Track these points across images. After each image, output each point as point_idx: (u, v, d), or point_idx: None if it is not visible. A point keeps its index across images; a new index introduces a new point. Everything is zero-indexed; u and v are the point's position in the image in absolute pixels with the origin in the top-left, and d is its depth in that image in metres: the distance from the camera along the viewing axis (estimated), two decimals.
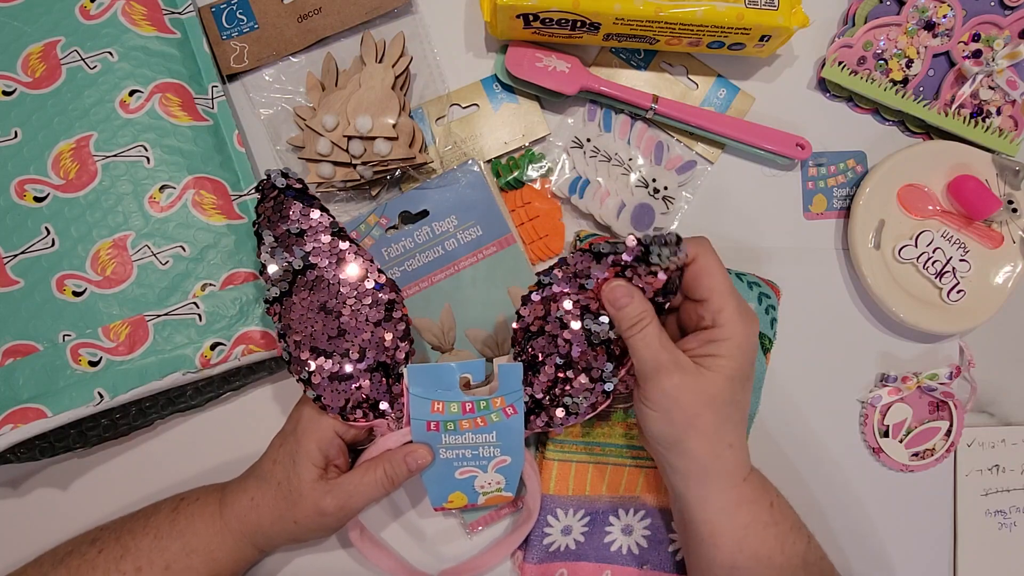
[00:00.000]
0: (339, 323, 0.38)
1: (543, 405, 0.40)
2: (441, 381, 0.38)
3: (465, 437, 0.39)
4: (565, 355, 0.39)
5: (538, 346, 0.39)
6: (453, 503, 0.41)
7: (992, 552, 0.50)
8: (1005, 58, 0.48)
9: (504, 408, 0.39)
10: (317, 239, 0.38)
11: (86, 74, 0.42)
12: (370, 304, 0.39)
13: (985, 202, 0.48)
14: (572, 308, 0.38)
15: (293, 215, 0.38)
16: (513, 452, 0.40)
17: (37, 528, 0.41)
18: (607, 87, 0.47)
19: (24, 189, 0.41)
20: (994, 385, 0.52)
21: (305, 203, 0.38)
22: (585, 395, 0.39)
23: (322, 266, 0.38)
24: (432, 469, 0.40)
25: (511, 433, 0.39)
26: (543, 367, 0.39)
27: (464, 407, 0.38)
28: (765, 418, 0.47)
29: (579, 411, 0.39)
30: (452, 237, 0.46)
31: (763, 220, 0.50)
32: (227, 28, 0.46)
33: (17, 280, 0.40)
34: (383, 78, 0.44)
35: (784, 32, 0.45)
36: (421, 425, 0.39)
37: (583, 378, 0.39)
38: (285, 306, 0.38)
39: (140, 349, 0.40)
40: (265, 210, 0.38)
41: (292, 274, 0.38)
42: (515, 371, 0.38)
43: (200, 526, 0.39)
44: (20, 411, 0.39)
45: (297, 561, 0.45)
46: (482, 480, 0.40)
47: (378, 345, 0.39)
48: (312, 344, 0.38)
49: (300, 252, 0.38)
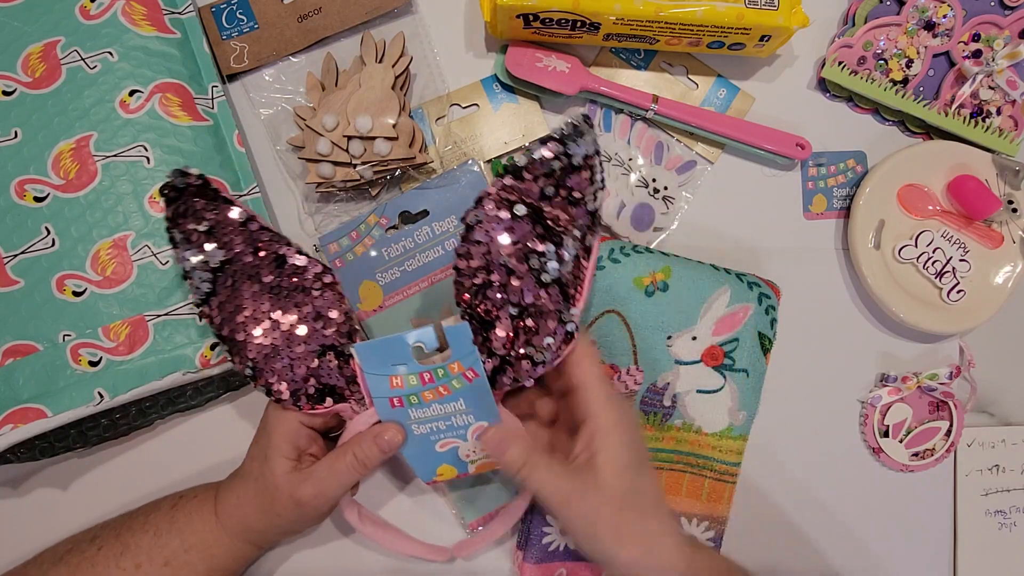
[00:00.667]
0: (271, 310, 0.37)
1: (508, 361, 0.37)
2: (393, 354, 0.36)
3: (433, 409, 0.37)
4: (517, 303, 0.36)
5: (488, 300, 0.37)
6: (444, 475, 0.40)
7: (992, 552, 0.50)
8: (1005, 58, 0.48)
9: (464, 373, 0.36)
10: (228, 232, 0.37)
11: (86, 74, 0.42)
12: (298, 285, 0.37)
13: (985, 202, 0.48)
14: (512, 247, 0.36)
15: (198, 212, 0.36)
16: (489, 416, 0.37)
17: (37, 528, 0.41)
18: (607, 87, 0.47)
19: (24, 189, 0.41)
20: (994, 385, 0.52)
21: (208, 199, 0.37)
22: (548, 341, 0.36)
23: (240, 259, 0.37)
24: (411, 446, 0.38)
25: (479, 397, 0.37)
26: (498, 321, 0.37)
27: (422, 378, 0.36)
28: (765, 418, 0.47)
29: (545, 359, 0.36)
30: (452, 237, 0.46)
31: (763, 220, 0.50)
32: (227, 28, 0.46)
33: (17, 280, 0.40)
34: (383, 78, 0.44)
35: (784, 32, 0.45)
36: (384, 403, 0.37)
37: (543, 323, 0.36)
38: (212, 306, 0.37)
39: (140, 349, 0.40)
40: (172, 214, 0.37)
41: (211, 272, 0.37)
42: (462, 331, 0.35)
43: (198, 524, 0.39)
44: (20, 411, 0.39)
45: (296, 557, 0.45)
46: (465, 449, 0.39)
47: (317, 324, 0.37)
48: (249, 338, 0.37)
49: (214, 248, 0.36)
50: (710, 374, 0.45)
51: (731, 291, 0.45)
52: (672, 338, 0.45)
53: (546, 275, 0.36)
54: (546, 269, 0.36)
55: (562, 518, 0.36)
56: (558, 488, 0.35)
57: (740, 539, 0.47)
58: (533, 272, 0.36)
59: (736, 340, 0.46)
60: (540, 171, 0.36)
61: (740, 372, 0.46)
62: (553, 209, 0.37)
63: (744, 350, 0.46)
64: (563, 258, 0.36)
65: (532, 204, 0.37)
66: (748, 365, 0.46)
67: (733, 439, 0.46)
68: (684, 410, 0.45)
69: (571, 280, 0.36)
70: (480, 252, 0.37)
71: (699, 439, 0.46)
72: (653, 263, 0.45)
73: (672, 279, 0.45)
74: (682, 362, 0.45)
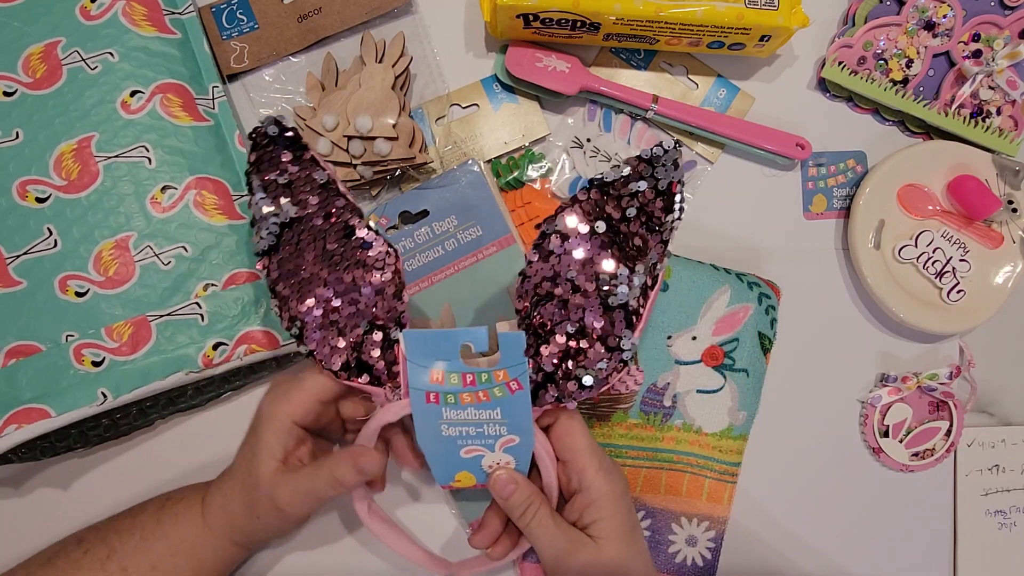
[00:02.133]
0: (329, 277, 0.37)
1: (554, 378, 0.36)
2: (440, 349, 0.35)
3: (467, 412, 0.36)
4: (577, 321, 0.35)
5: (547, 313, 0.36)
6: (461, 482, 0.39)
7: (992, 552, 0.50)
8: (1005, 58, 0.48)
9: (508, 383, 0.35)
10: (306, 191, 0.36)
11: (87, 75, 0.42)
12: (361, 259, 0.37)
13: (985, 202, 0.48)
14: (584, 264, 0.35)
15: (282, 165, 0.36)
16: (521, 431, 0.36)
17: (38, 528, 0.41)
18: (607, 87, 0.47)
19: (26, 190, 0.41)
20: (994, 385, 0.52)
21: (296, 152, 0.37)
22: (601, 366, 0.36)
23: (311, 219, 0.37)
24: (436, 447, 0.37)
25: (518, 410, 0.36)
26: (553, 336, 0.36)
27: (464, 379, 0.35)
28: (765, 418, 0.47)
29: (594, 384, 0.36)
30: (452, 237, 0.46)
31: (763, 220, 0.50)
32: (227, 28, 0.46)
33: (20, 281, 0.41)
34: (383, 78, 0.44)
35: (784, 32, 0.45)
36: (420, 395, 0.36)
37: (599, 347, 0.35)
38: (273, 259, 0.37)
39: (143, 349, 0.40)
40: (255, 158, 0.36)
41: (279, 226, 0.36)
42: (517, 341, 0.35)
43: (184, 527, 0.39)
44: (24, 411, 0.39)
45: (296, 558, 0.45)
46: (490, 460, 0.37)
47: (371, 302, 0.37)
48: (302, 298, 0.36)
49: (288, 203, 0.36)
50: (710, 374, 0.46)
51: (731, 291, 0.46)
52: (672, 338, 0.45)
53: (614, 298, 0.35)
54: (615, 292, 0.35)
55: (555, 572, 0.37)
56: (554, 540, 0.36)
57: (740, 539, 0.47)
58: (601, 293, 0.36)
59: (736, 340, 0.46)
60: (626, 191, 0.36)
61: (740, 372, 0.46)
62: (631, 232, 0.36)
63: (744, 350, 0.46)
64: (633, 283, 0.36)
65: (612, 223, 0.36)
66: (748, 365, 0.46)
67: (733, 439, 0.46)
68: (684, 410, 0.46)
69: (635, 307, 0.36)
70: (550, 263, 0.36)
71: (699, 439, 0.46)
72: None
73: (672, 279, 0.45)
74: (682, 362, 0.45)
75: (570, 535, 0.36)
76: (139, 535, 0.38)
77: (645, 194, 0.36)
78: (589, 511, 0.37)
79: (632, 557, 0.37)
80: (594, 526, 0.36)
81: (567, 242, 0.36)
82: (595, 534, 0.36)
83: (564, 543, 0.36)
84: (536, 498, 0.37)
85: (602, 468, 0.37)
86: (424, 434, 0.37)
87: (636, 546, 0.37)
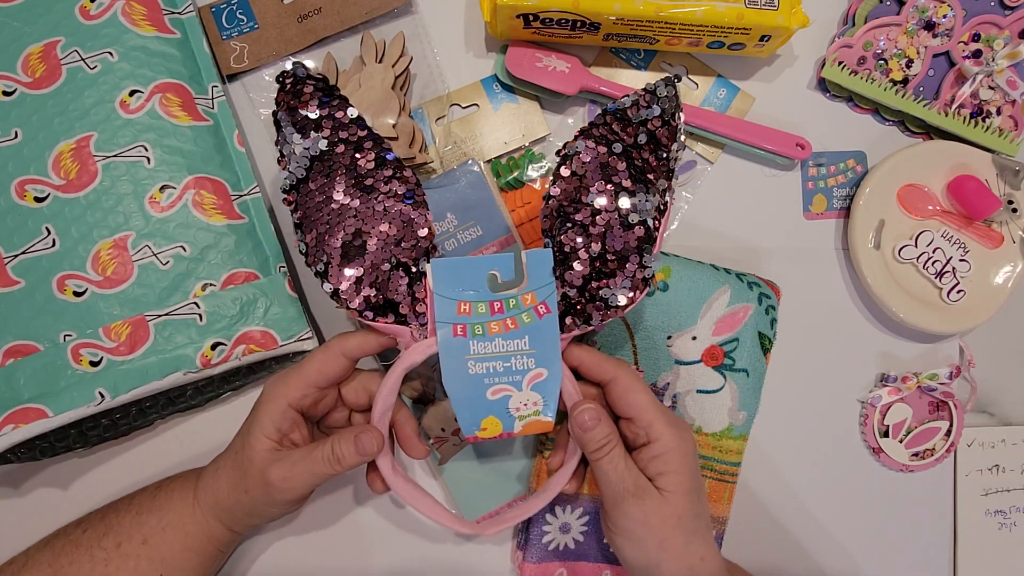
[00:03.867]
0: (358, 210, 0.37)
1: (578, 304, 0.37)
2: (467, 279, 0.35)
3: (495, 344, 0.36)
4: (600, 242, 0.36)
5: (568, 237, 0.37)
6: (487, 431, 0.37)
7: (992, 552, 0.50)
8: (1005, 58, 0.48)
9: (536, 307, 0.36)
10: (335, 126, 0.37)
11: (86, 74, 0.42)
12: (391, 192, 0.37)
13: (985, 202, 0.48)
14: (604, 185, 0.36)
15: (312, 102, 0.37)
16: (549, 363, 0.36)
17: (38, 528, 0.41)
18: (607, 87, 0.47)
19: (24, 189, 0.41)
20: (994, 385, 0.52)
21: (324, 92, 0.37)
22: (625, 284, 0.36)
23: (340, 152, 0.37)
24: (462, 389, 0.36)
25: (546, 338, 0.36)
26: (577, 258, 0.37)
27: (492, 307, 0.35)
28: (765, 418, 0.47)
29: (618, 304, 0.36)
30: (452, 237, 0.46)
31: (763, 220, 0.50)
32: (227, 28, 0.46)
33: (18, 280, 0.40)
34: (383, 78, 0.44)
35: (784, 32, 0.45)
36: (448, 329, 0.36)
37: (622, 265, 0.36)
38: (302, 193, 0.37)
39: (141, 349, 0.40)
40: (284, 97, 0.37)
41: (309, 160, 0.36)
42: (544, 258, 0.35)
43: (177, 502, 0.39)
44: (21, 411, 0.39)
45: (295, 558, 0.45)
46: (517, 400, 0.37)
47: (400, 236, 0.37)
48: (331, 231, 0.36)
49: (318, 137, 0.36)
50: (710, 374, 0.46)
51: (731, 291, 0.45)
52: (672, 338, 0.45)
53: (634, 215, 0.37)
54: (633, 211, 0.37)
55: (612, 511, 0.37)
56: (623, 478, 0.36)
57: (740, 539, 0.47)
58: (620, 212, 0.37)
59: (736, 340, 0.46)
60: (635, 117, 0.38)
61: (740, 372, 0.46)
62: (642, 157, 0.38)
63: (744, 350, 0.46)
64: (648, 204, 0.37)
65: (627, 146, 0.38)
66: (748, 365, 0.46)
67: (733, 439, 0.46)
68: (684, 410, 0.46)
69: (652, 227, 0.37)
70: (571, 185, 0.37)
71: (699, 439, 0.46)
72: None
73: (672, 279, 0.45)
74: (682, 362, 0.45)
75: (639, 480, 0.36)
76: (135, 511, 0.39)
77: (654, 122, 0.38)
78: (655, 463, 0.36)
79: (695, 515, 0.37)
80: (660, 478, 0.36)
81: (587, 163, 0.37)
82: (661, 486, 0.36)
83: (631, 485, 0.36)
84: (615, 437, 0.37)
85: (670, 423, 0.37)
86: (451, 374, 0.37)
87: (699, 505, 0.37)
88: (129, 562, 0.38)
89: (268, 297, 0.42)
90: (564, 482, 0.40)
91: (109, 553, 0.38)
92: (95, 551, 0.38)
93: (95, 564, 0.37)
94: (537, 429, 0.38)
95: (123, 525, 0.39)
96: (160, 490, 0.40)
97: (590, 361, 0.38)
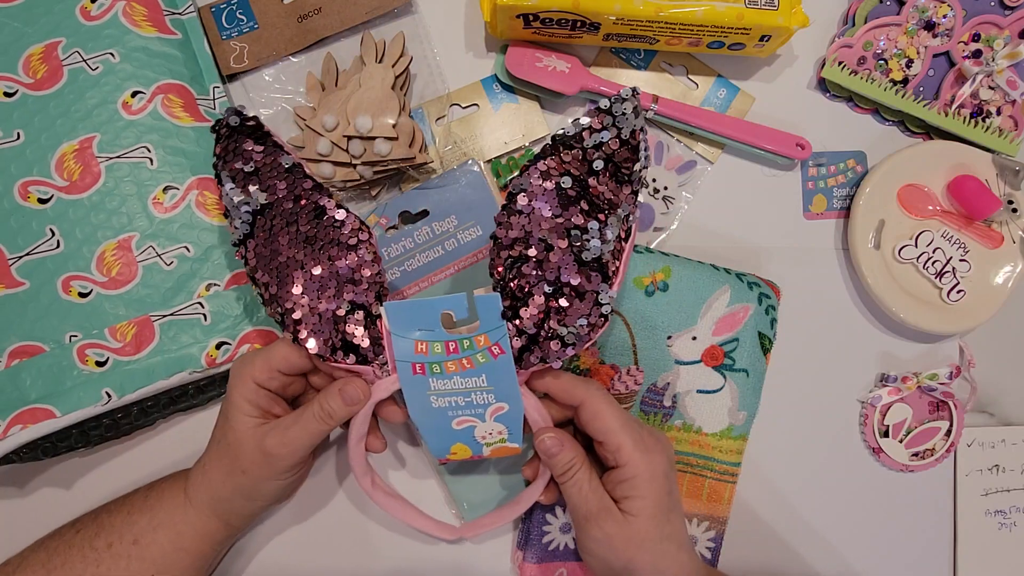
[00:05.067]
0: (305, 259, 0.37)
1: (536, 340, 0.36)
2: (422, 319, 0.35)
3: (454, 381, 0.36)
4: (553, 280, 0.35)
5: (522, 274, 0.36)
6: (457, 455, 0.39)
7: (992, 552, 0.50)
8: (1005, 58, 0.48)
9: (489, 348, 0.35)
10: (273, 176, 0.37)
11: (88, 75, 0.42)
12: (335, 238, 0.37)
13: (985, 202, 0.48)
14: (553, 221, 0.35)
15: (247, 153, 0.36)
16: (509, 398, 0.37)
17: (40, 528, 0.41)
18: (607, 87, 0.47)
19: (28, 191, 0.41)
20: (994, 385, 0.52)
21: (258, 141, 0.37)
22: (581, 323, 0.36)
23: (281, 204, 0.37)
24: (427, 420, 0.37)
25: (502, 376, 0.36)
26: (531, 297, 0.36)
27: (448, 347, 0.36)
28: (765, 418, 0.47)
29: (576, 340, 0.36)
30: (452, 237, 0.46)
31: (763, 220, 0.50)
32: (227, 28, 0.46)
33: (23, 282, 0.41)
34: (383, 78, 0.44)
35: (784, 32, 0.45)
36: (407, 368, 0.36)
37: (577, 303, 0.35)
38: (249, 248, 0.37)
39: (146, 349, 0.41)
40: (221, 151, 0.37)
41: (252, 214, 0.37)
42: (492, 303, 0.35)
43: (168, 502, 0.39)
44: (29, 411, 0.39)
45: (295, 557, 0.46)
46: (482, 430, 0.38)
47: (350, 279, 0.37)
48: (281, 283, 0.36)
49: (257, 191, 0.36)
50: (710, 374, 0.46)
51: (731, 291, 0.46)
52: (672, 338, 0.45)
53: (587, 253, 0.36)
54: (587, 247, 0.35)
55: (578, 531, 0.38)
56: (587, 501, 0.37)
57: (740, 539, 0.47)
58: (573, 249, 0.36)
59: (736, 340, 0.46)
60: (590, 142, 0.36)
61: (740, 372, 0.46)
62: (599, 185, 0.36)
63: (744, 350, 0.46)
64: (606, 237, 0.36)
65: (579, 177, 0.36)
66: (748, 365, 0.46)
67: (733, 439, 0.46)
68: (684, 410, 0.46)
69: (610, 260, 0.36)
70: (520, 223, 0.36)
71: (699, 439, 0.46)
72: (653, 263, 0.45)
73: (672, 279, 0.45)
74: (682, 362, 0.45)
75: (602, 502, 0.37)
76: (126, 511, 0.39)
77: (610, 144, 0.36)
78: (622, 487, 0.37)
79: (662, 538, 0.37)
80: (626, 502, 0.37)
81: (534, 201, 0.36)
82: (626, 509, 0.37)
83: (594, 507, 0.37)
84: (579, 460, 0.37)
85: (639, 446, 0.37)
86: (415, 407, 0.37)
87: (668, 527, 0.37)
88: (120, 562, 0.38)
89: None
90: (537, 494, 0.41)
91: (100, 553, 0.38)
92: (87, 552, 0.38)
93: (87, 564, 0.38)
94: (505, 453, 0.39)
95: (114, 525, 0.39)
96: (152, 490, 0.40)
97: (557, 388, 0.38)
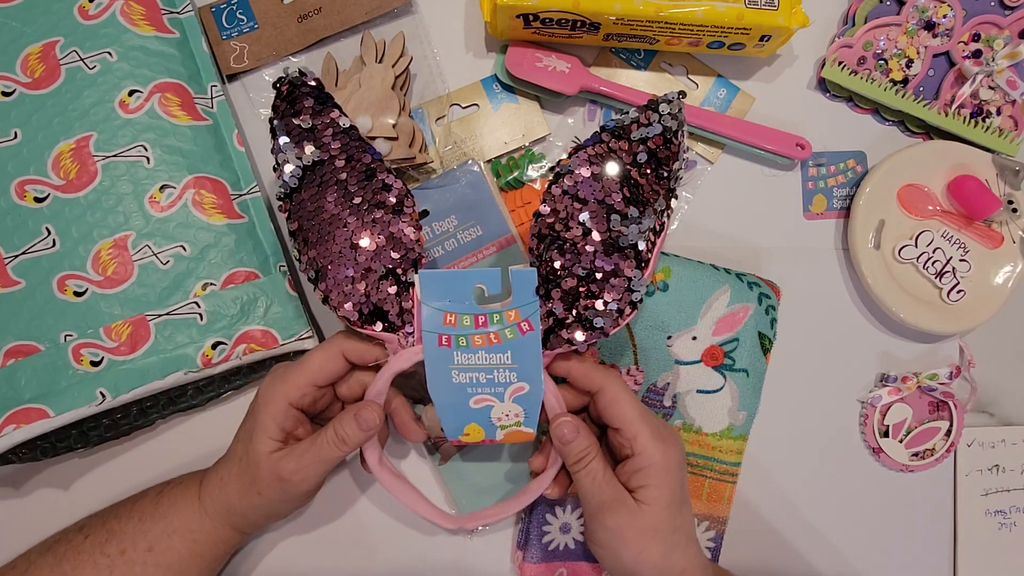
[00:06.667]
0: (349, 221, 0.37)
1: (564, 323, 0.37)
2: (454, 291, 0.36)
3: (478, 356, 0.36)
4: (588, 264, 0.36)
5: (557, 255, 0.37)
6: (470, 436, 0.38)
7: (992, 552, 0.50)
8: (1005, 58, 0.48)
9: (519, 323, 0.36)
10: (328, 135, 0.37)
11: (85, 74, 0.42)
12: (381, 202, 0.37)
13: (985, 202, 0.48)
14: (596, 205, 0.36)
15: (306, 111, 0.37)
16: (531, 379, 0.37)
17: (39, 528, 0.41)
18: (607, 87, 0.47)
19: (24, 190, 0.41)
20: (994, 385, 0.52)
21: (318, 101, 0.37)
22: (613, 308, 0.36)
23: (333, 163, 0.37)
24: (446, 395, 0.37)
25: (528, 354, 0.36)
26: (563, 279, 0.36)
27: (476, 320, 0.36)
28: (765, 418, 0.47)
29: (604, 326, 0.36)
30: (452, 237, 0.46)
31: (763, 220, 0.50)
32: (227, 28, 0.46)
33: (18, 281, 0.40)
34: (383, 78, 0.44)
35: (784, 32, 0.45)
36: (432, 339, 0.36)
37: (609, 288, 0.36)
38: (295, 202, 0.37)
39: (142, 349, 0.40)
40: (279, 105, 0.37)
41: (302, 170, 0.37)
42: (528, 278, 0.36)
43: (181, 508, 0.39)
44: (23, 411, 0.39)
45: (295, 557, 0.45)
46: (499, 411, 0.38)
47: (390, 246, 0.37)
48: (322, 240, 0.37)
49: (311, 147, 0.37)
50: (710, 374, 0.46)
51: (731, 291, 0.45)
52: (672, 338, 0.45)
53: (624, 239, 0.36)
54: (625, 233, 0.36)
55: (589, 521, 0.37)
56: (600, 490, 0.37)
57: (740, 539, 0.47)
58: (612, 234, 0.36)
59: (736, 340, 0.46)
60: (635, 136, 0.37)
61: (740, 372, 0.46)
62: (640, 176, 0.37)
63: (744, 350, 0.46)
64: (643, 226, 0.37)
65: (623, 166, 0.37)
66: (748, 365, 0.46)
67: (733, 439, 0.46)
68: (684, 410, 0.46)
69: (644, 249, 0.37)
70: (563, 204, 0.37)
71: (699, 439, 0.46)
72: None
73: (672, 279, 0.45)
74: (682, 362, 0.45)
75: (616, 492, 0.37)
76: (138, 518, 0.39)
77: (655, 139, 0.37)
78: (637, 476, 0.37)
79: (674, 529, 0.37)
80: (640, 491, 0.36)
81: (579, 183, 0.37)
82: (641, 499, 0.36)
83: (608, 497, 0.36)
84: (593, 449, 0.37)
85: (655, 436, 0.37)
86: (435, 381, 0.37)
87: (679, 519, 0.37)
88: (135, 568, 0.38)
89: (268, 296, 0.42)
90: (544, 486, 0.40)
91: (113, 560, 0.38)
92: (98, 558, 0.38)
93: (99, 571, 0.37)
94: (519, 438, 0.39)
95: (126, 532, 0.38)
96: (163, 496, 0.40)
97: (578, 371, 0.38)
